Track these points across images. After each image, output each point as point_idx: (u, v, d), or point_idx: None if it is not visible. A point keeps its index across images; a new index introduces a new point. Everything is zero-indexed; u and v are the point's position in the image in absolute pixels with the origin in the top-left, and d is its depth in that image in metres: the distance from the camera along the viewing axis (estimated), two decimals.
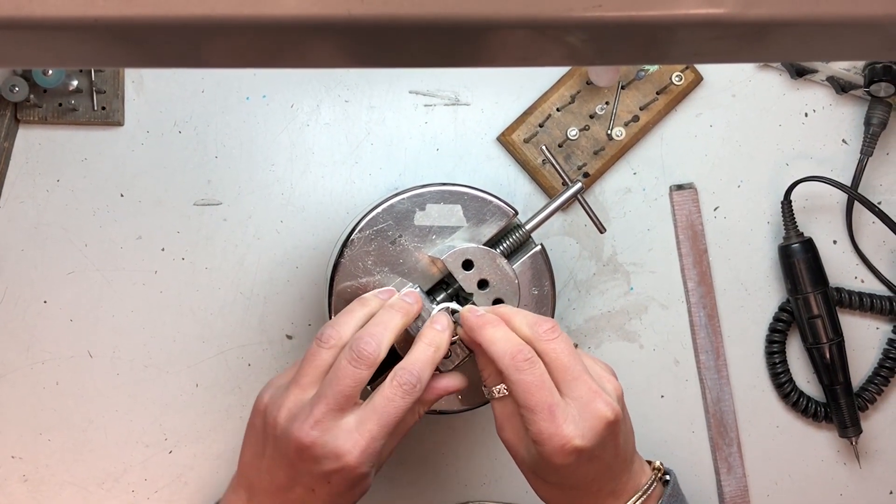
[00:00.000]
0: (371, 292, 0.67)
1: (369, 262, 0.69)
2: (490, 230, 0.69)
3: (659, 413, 0.82)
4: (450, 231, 0.69)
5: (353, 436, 0.60)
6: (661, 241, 0.82)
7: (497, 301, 0.68)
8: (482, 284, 0.68)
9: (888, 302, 0.82)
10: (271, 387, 0.64)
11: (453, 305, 0.67)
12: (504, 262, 0.68)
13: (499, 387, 0.63)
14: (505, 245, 0.70)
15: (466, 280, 0.68)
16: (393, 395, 0.60)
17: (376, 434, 0.60)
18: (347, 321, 0.63)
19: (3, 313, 0.77)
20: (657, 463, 0.68)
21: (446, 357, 0.65)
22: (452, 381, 0.66)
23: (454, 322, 0.65)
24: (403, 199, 0.69)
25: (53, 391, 0.77)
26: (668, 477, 0.68)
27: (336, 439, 0.59)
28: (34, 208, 0.78)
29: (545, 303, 0.71)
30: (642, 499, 0.64)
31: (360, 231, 0.69)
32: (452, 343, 0.65)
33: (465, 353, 0.67)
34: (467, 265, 0.68)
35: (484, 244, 0.69)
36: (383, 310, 0.64)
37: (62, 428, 0.78)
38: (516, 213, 0.70)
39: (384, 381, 0.61)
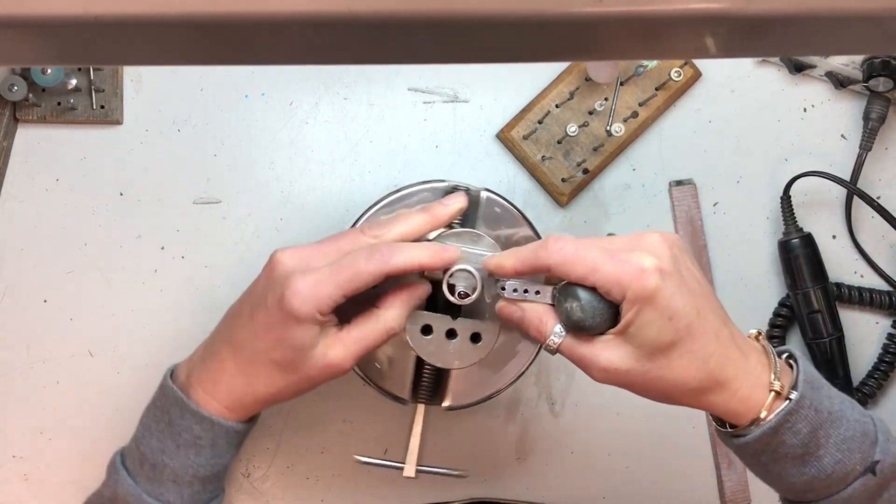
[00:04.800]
0: (438, 202, 0.65)
1: None
2: (491, 228, 0.69)
3: (659, 409, 0.82)
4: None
5: (307, 271, 0.58)
6: None
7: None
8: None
9: (888, 297, 0.82)
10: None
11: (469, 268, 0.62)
12: (490, 241, 0.65)
13: (554, 331, 0.59)
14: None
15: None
16: (357, 254, 0.59)
17: (324, 278, 0.58)
18: (402, 224, 0.62)
19: (3, 313, 0.77)
20: (752, 332, 0.62)
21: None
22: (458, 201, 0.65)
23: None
24: (402, 196, 0.69)
25: (54, 390, 0.77)
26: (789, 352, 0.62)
27: (295, 268, 0.59)
28: (33, 207, 0.77)
29: None
30: (774, 364, 0.59)
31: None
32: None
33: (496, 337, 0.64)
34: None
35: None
36: (416, 210, 0.63)
37: (63, 427, 0.78)
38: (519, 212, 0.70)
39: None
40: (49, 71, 0.74)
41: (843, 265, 0.83)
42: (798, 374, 0.59)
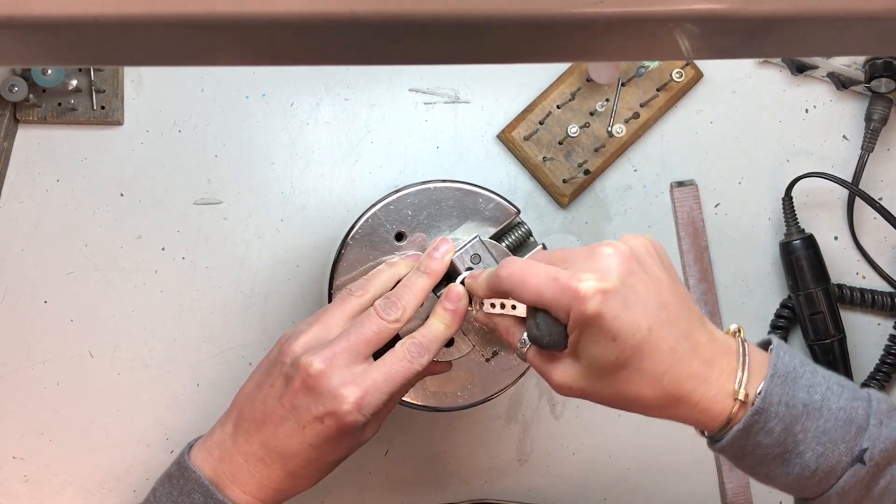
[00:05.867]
0: (399, 257, 0.68)
1: (370, 260, 0.69)
2: (492, 227, 0.69)
3: None
4: (451, 229, 0.69)
5: (356, 381, 0.61)
6: (661, 238, 0.81)
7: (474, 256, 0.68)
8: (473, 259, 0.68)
9: (890, 298, 0.82)
10: (295, 327, 0.65)
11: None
12: (500, 247, 0.68)
13: (520, 341, 0.60)
14: (506, 243, 0.70)
15: None
16: (402, 356, 0.62)
17: (379, 386, 0.61)
18: (378, 278, 0.66)
19: (3, 314, 0.77)
20: (732, 328, 0.60)
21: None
22: (441, 367, 0.68)
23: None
24: (403, 196, 0.69)
25: (54, 391, 0.77)
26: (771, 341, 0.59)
27: (341, 379, 0.60)
28: (34, 208, 0.77)
29: None
30: (742, 366, 0.56)
31: (360, 229, 0.69)
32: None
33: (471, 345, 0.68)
34: (475, 259, 0.67)
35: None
36: (415, 275, 0.65)
37: (63, 428, 0.78)
38: (518, 211, 0.70)
39: (396, 346, 0.63)
40: (49, 71, 0.74)
41: (844, 266, 0.83)
42: (769, 369, 0.56)
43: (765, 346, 0.60)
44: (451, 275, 0.66)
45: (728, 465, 0.81)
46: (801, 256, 0.80)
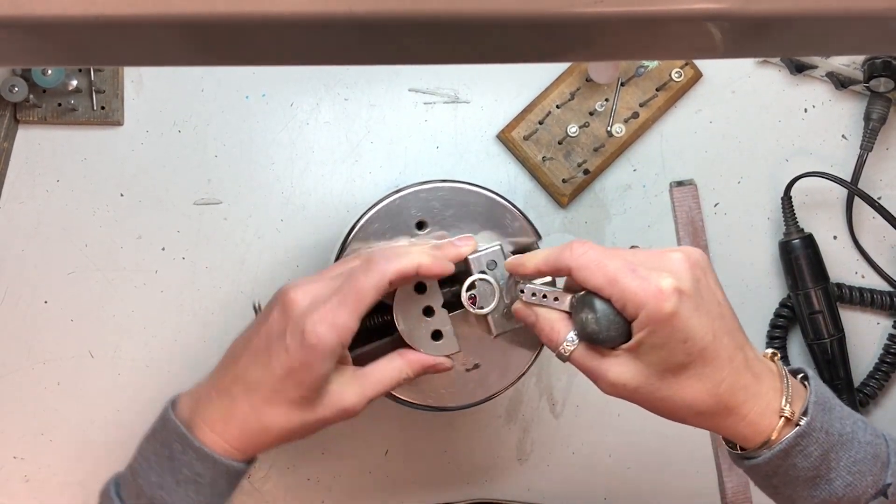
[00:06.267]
0: (451, 242, 0.66)
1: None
2: (503, 231, 0.69)
3: None
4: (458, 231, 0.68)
5: (325, 303, 0.58)
6: (661, 238, 0.82)
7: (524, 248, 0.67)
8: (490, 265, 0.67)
9: (889, 297, 0.82)
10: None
11: (488, 277, 0.64)
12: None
13: (567, 339, 0.59)
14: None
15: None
16: (357, 272, 0.59)
17: (334, 307, 0.58)
18: (405, 261, 0.62)
19: (3, 314, 0.77)
20: (768, 352, 0.61)
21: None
22: (442, 361, 0.65)
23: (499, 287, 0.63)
24: (404, 196, 0.69)
25: (55, 391, 0.77)
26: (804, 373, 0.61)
27: (312, 300, 0.59)
28: (34, 208, 0.77)
29: None
30: (786, 387, 0.58)
31: (360, 229, 0.69)
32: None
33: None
34: (491, 265, 0.66)
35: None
36: (419, 249, 0.63)
37: (64, 428, 0.78)
38: (540, 237, 0.68)
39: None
40: (50, 72, 0.74)
41: (843, 266, 0.83)
42: (810, 395, 0.58)
43: (794, 374, 0.61)
44: (458, 276, 0.64)
45: (728, 464, 0.81)
46: (800, 256, 0.80)
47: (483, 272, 0.64)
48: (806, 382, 0.60)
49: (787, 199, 0.80)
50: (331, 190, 0.80)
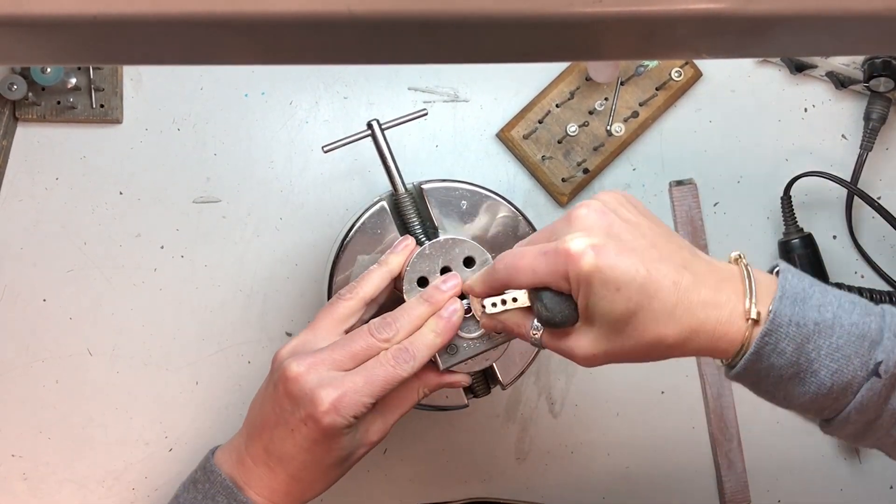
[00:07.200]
0: (390, 251, 0.67)
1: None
2: (493, 226, 0.69)
3: (659, 409, 0.82)
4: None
5: (333, 384, 0.60)
6: None
7: (467, 259, 0.67)
8: (468, 262, 0.67)
9: (888, 297, 0.82)
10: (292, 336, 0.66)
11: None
12: (470, 242, 0.67)
13: (532, 326, 0.60)
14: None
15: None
16: (386, 361, 0.62)
17: (358, 389, 0.60)
18: (368, 279, 0.66)
19: (2, 312, 0.77)
20: (733, 255, 0.60)
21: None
22: (458, 378, 0.67)
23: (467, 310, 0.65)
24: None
25: (53, 389, 0.77)
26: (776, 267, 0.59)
27: (318, 382, 0.60)
28: (33, 206, 0.77)
29: None
30: (750, 289, 0.56)
31: (360, 227, 0.69)
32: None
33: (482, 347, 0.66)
34: (468, 262, 0.67)
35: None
36: (416, 302, 0.65)
37: (62, 426, 0.78)
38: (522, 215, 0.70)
39: (382, 351, 0.63)
40: (49, 70, 0.74)
41: (843, 265, 0.83)
42: (777, 290, 0.56)
43: (772, 272, 0.59)
44: None
45: (726, 464, 0.81)
46: (799, 255, 0.80)
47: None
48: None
49: (786, 199, 0.80)
50: (329, 188, 0.80)
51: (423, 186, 0.69)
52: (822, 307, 0.56)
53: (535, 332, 0.60)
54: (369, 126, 0.69)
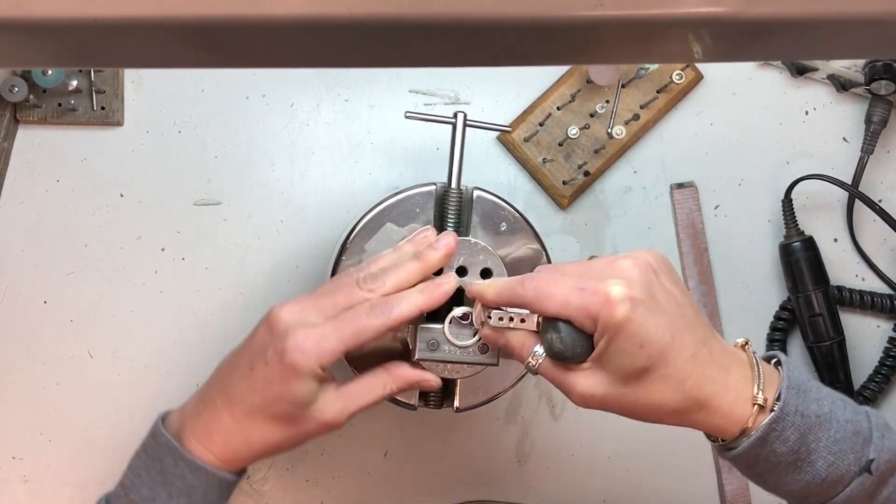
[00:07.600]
0: (430, 246, 0.65)
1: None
2: (515, 253, 0.69)
3: None
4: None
5: (306, 326, 0.60)
6: (661, 240, 0.82)
7: (485, 271, 0.66)
8: (485, 273, 0.66)
9: (889, 300, 0.82)
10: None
11: (462, 310, 0.64)
12: (489, 250, 0.66)
13: (534, 351, 0.59)
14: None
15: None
16: (360, 310, 0.60)
17: (327, 334, 0.59)
18: (381, 262, 0.64)
19: (3, 314, 0.77)
20: (740, 341, 0.62)
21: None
22: (429, 377, 0.65)
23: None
24: (404, 198, 0.69)
25: (54, 391, 0.77)
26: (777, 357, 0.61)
27: (294, 322, 0.60)
28: (34, 208, 0.77)
29: None
30: (757, 375, 0.58)
31: (360, 231, 0.69)
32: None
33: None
34: (485, 273, 0.66)
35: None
36: (409, 257, 0.63)
37: (63, 428, 0.78)
38: (549, 261, 0.69)
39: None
40: (50, 72, 0.74)
41: (844, 268, 0.83)
42: (783, 380, 0.59)
43: (768, 360, 0.62)
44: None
45: (727, 466, 0.81)
46: (800, 258, 0.80)
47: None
48: (780, 367, 0.60)
49: (787, 202, 0.80)
50: (331, 191, 0.80)
51: (476, 192, 0.69)
52: (819, 400, 0.59)
53: (535, 359, 0.60)
54: (455, 115, 0.69)
